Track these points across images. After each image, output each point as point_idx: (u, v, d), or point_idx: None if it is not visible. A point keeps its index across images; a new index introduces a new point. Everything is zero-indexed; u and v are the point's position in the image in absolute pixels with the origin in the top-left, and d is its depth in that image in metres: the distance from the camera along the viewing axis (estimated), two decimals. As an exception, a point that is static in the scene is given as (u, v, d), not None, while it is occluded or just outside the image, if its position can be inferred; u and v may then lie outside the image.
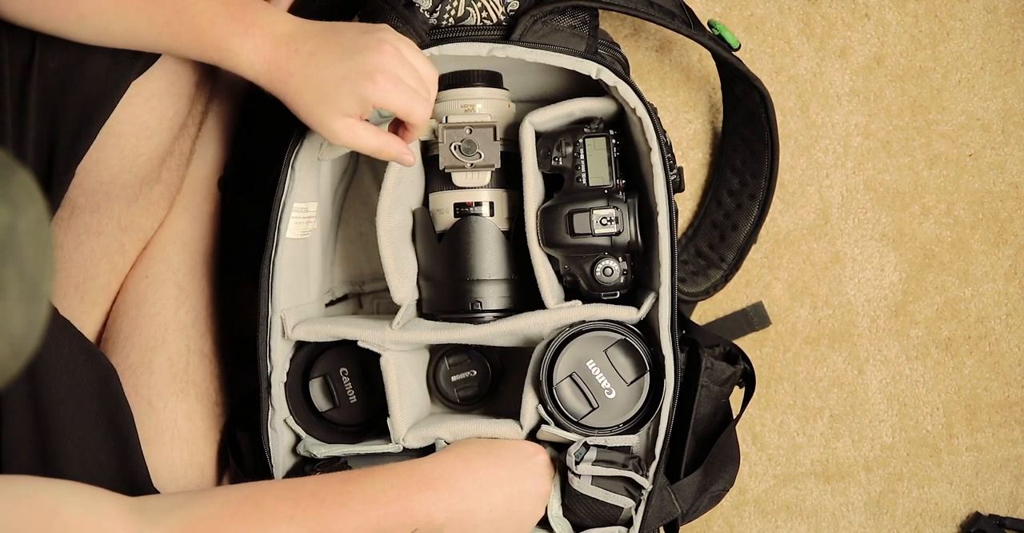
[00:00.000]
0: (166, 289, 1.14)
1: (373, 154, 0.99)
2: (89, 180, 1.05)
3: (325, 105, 0.95)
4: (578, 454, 1.04)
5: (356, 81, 0.94)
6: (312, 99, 0.95)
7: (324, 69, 0.95)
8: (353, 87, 0.94)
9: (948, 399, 1.32)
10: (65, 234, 1.09)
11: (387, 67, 0.95)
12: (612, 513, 1.04)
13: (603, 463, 1.04)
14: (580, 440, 1.05)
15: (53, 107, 0.97)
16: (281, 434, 1.09)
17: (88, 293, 1.12)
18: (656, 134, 1.04)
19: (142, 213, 1.12)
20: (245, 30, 0.94)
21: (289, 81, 0.95)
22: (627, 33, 1.32)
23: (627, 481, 1.04)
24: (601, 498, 1.03)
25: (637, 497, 1.04)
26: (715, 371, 1.09)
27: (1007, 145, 1.32)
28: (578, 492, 1.03)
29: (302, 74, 0.95)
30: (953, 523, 1.32)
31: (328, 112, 0.95)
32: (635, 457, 1.05)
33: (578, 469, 1.03)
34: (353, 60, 0.95)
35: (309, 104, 0.96)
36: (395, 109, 0.96)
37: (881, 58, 1.33)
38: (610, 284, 1.06)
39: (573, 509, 1.05)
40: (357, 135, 0.97)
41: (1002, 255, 1.32)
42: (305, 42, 0.95)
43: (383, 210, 1.07)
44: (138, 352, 1.13)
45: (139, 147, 1.05)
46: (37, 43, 0.95)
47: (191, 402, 1.14)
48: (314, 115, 0.96)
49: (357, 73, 0.94)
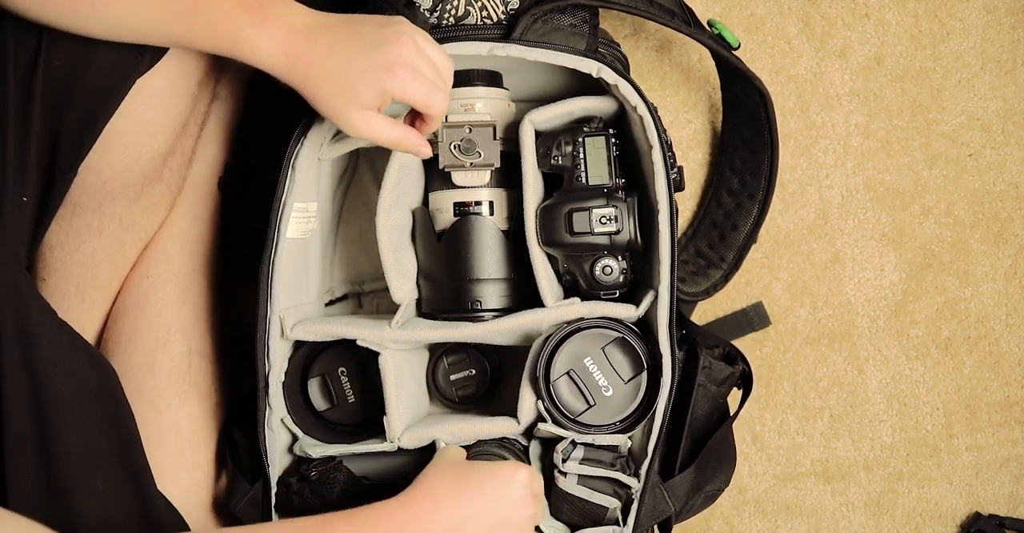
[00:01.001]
0: (167, 290, 1.14)
1: (390, 145, 0.99)
2: (91, 178, 1.05)
3: (345, 97, 0.95)
4: (565, 452, 1.04)
5: (377, 74, 0.94)
6: (332, 91, 0.95)
7: (344, 62, 0.95)
8: (374, 80, 0.95)
9: (948, 399, 1.32)
10: (66, 233, 1.09)
11: (407, 59, 0.95)
12: (598, 512, 1.04)
13: (590, 462, 1.04)
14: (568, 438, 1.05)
15: (57, 104, 0.97)
16: (278, 433, 1.09)
17: (89, 293, 1.12)
18: (657, 132, 1.04)
19: (143, 213, 1.12)
20: (262, 21, 0.94)
21: (308, 72, 0.95)
22: (627, 33, 1.32)
23: (614, 481, 1.04)
24: (586, 497, 1.03)
25: (623, 497, 1.04)
26: (713, 371, 1.09)
27: (1007, 145, 1.32)
28: (564, 491, 1.03)
29: (321, 66, 0.95)
30: (953, 523, 1.32)
31: (347, 104, 0.96)
32: (623, 456, 1.06)
33: (565, 467, 1.03)
34: (374, 53, 0.95)
35: (328, 96, 0.96)
36: (414, 101, 0.97)
37: (881, 58, 1.33)
38: (609, 283, 1.06)
39: (560, 507, 1.06)
40: (374, 126, 0.97)
41: (1002, 255, 1.32)
42: (324, 35, 0.95)
43: (383, 209, 1.07)
44: (140, 353, 1.13)
45: (142, 146, 1.05)
46: (43, 39, 0.95)
47: (193, 403, 1.14)
48: (333, 107, 0.96)
49: (377, 66, 0.95)
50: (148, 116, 1.04)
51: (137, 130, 1.04)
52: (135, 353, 1.13)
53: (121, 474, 1.04)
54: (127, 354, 1.13)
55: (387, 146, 1.00)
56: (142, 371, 1.12)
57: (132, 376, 1.11)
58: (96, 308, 1.13)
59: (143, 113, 1.04)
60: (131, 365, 1.12)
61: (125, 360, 1.12)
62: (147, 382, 1.12)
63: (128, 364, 1.12)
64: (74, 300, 1.12)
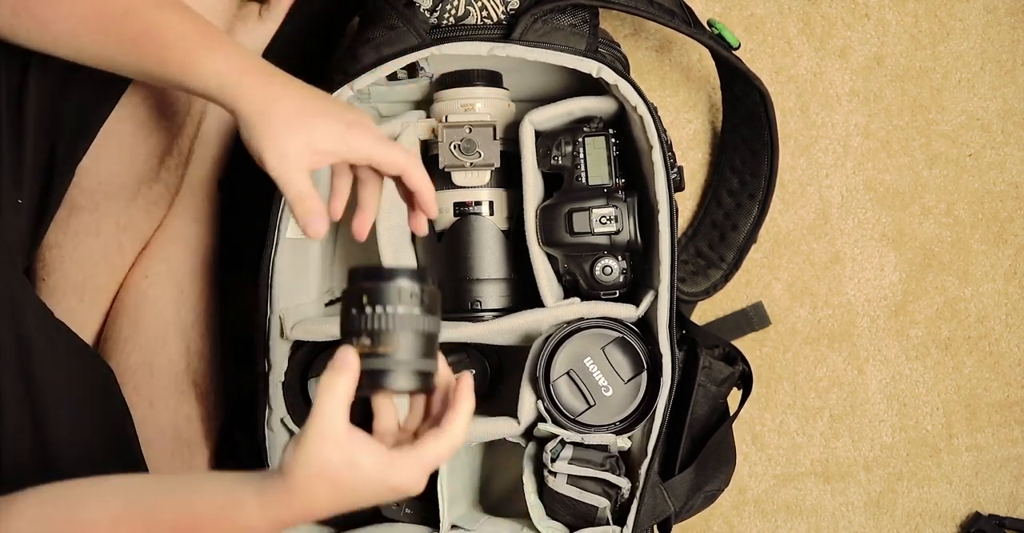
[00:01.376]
0: (166, 290, 1.14)
1: (292, 199, 0.86)
2: (88, 179, 1.05)
3: (297, 127, 0.85)
4: (554, 451, 1.04)
5: (340, 120, 0.87)
6: (286, 114, 0.85)
7: (308, 95, 0.88)
8: (336, 124, 0.86)
9: (948, 399, 1.32)
10: (64, 234, 1.09)
11: (370, 124, 0.89)
12: (590, 512, 1.04)
13: (580, 462, 1.04)
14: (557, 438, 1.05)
15: (52, 107, 0.97)
16: (278, 433, 1.09)
17: (87, 293, 1.12)
18: (657, 132, 1.04)
19: (141, 213, 1.12)
20: (213, 45, 0.88)
21: (268, 88, 0.86)
22: (627, 33, 1.32)
23: (604, 481, 1.04)
24: (576, 497, 1.03)
25: (613, 496, 1.04)
26: (713, 371, 1.09)
27: (1007, 145, 1.32)
28: (554, 491, 1.04)
29: (283, 87, 0.87)
30: (953, 523, 1.32)
31: (296, 134, 0.85)
32: (613, 456, 1.06)
33: (554, 467, 1.03)
34: (338, 105, 0.89)
35: (280, 116, 0.85)
36: (378, 154, 0.87)
37: (881, 58, 1.33)
38: (609, 283, 1.06)
39: (553, 507, 1.06)
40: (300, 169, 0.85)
41: (1002, 255, 1.32)
42: (280, 74, 0.89)
43: (383, 210, 1.07)
44: (139, 353, 1.13)
45: (137, 146, 1.05)
46: None
47: (192, 404, 1.14)
48: (276, 131, 0.85)
49: (341, 117, 0.87)
50: (144, 117, 1.04)
51: (133, 131, 1.04)
52: (134, 353, 1.13)
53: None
54: (126, 354, 1.13)
55: (290, 198, 0.86)
56: (140, 371, 1.12)
57: (131, 376, 1.11)
58: (95, 308, 1.13)
59: (138, 114, 1.04)
60: (130, 365, 1.12)
61: (124, 360, 1.12)
62: (146, 382, 1.12)
63: (127, 364, 1.12)
64: (72, 300, 1.12)
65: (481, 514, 1.15)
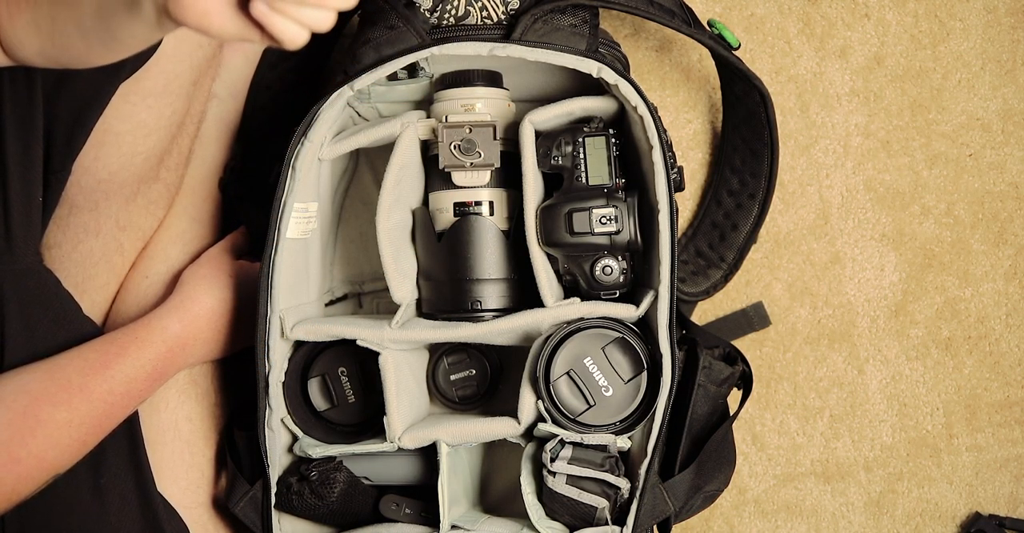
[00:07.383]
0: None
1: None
2: (87, 178, 1.05)
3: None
4: (553, 451, 1.04)
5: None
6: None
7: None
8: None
9: (948, 399, 1.32)
10: (63, 233, 1.09)
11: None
12: (589, 512, 1.04)
13: (578, 462, 1.04)
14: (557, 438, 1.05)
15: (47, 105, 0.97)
16: (278, 433, 1.09)
17: (87, 293, 1.12)
18: (657, 132, 1.04)
19: (141, 212, 1.12)
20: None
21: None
22: (627, 33, 1.33)
23: (603, 481, 1.04)
24: (575, 497, 1.03)
25: (612, 497, 1.04)
26: (713, 371, 1.09)
27: (1007, 145, 1.32)
28: (553, 490, 1.04)
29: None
30: (953, 523, 1.32)
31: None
32: (612, 456, 1.06)
33: (553, 467, 1.03)
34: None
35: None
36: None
37: (881, 58, 1.33)
38: (609, 283, 1.06)
39: (552, 507, 1.06)
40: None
41: (1002, 255, 1.32)
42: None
43: (383, 210, 1.07)
44: (140, 353, 1.13)
45: (136, 145, 1.05)
46: None
47: (192, 403, 1.14)
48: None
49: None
50: (142, 116, 1.04)
51: (132, 130, 1.04)
52: (134, 353, 1.13)
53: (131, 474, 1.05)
54: (127, 354, 1.13)
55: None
56: (141, 371, 1.12)
57: (131, 376, 1.11)
58: (94, 308, 1.13)
59: (137, 113, 1.04)
60: (130, 365, 1.12)
61: (124, 360, 1.12)
62: (146, 382, 1.12)
63: (127, 364, 1.12)
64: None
65: (481, 514, 1.15)
